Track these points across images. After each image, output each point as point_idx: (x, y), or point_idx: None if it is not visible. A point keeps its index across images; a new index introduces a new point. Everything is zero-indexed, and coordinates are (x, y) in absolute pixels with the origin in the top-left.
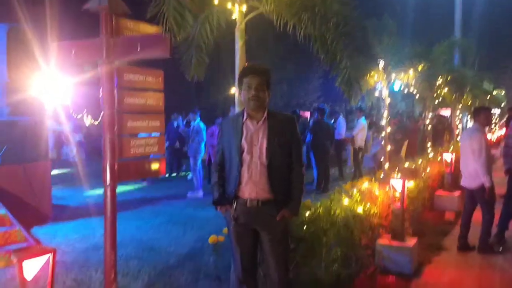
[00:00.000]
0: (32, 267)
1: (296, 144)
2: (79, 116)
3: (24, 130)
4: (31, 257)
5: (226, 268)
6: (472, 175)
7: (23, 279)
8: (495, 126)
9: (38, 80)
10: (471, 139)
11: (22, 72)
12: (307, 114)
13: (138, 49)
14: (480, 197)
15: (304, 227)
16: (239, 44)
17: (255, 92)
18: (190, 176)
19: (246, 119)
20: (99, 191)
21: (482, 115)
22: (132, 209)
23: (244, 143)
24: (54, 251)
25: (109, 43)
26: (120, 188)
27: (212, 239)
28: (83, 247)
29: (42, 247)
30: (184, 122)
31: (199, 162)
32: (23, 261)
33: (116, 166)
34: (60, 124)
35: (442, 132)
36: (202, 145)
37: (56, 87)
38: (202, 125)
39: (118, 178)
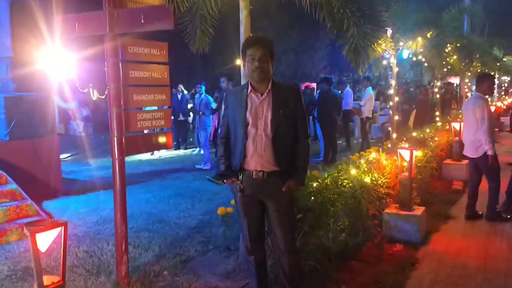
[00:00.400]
0: (45, 239)
1: (301, 114)
2: (85, 91)
3: (31, 105)
4: (44, 230)
5: (234, 239)
6: (475, 144)
7: (36, 251)
8: (505, 94)
9: (43, 55)
10: (474, 107)
11: (27, 46)
12: (314, 85)
13: (142, 21)
14: (483, 166)
15: (312, 198)
16: (243, 15)
17: (258, 63)
18: (197, 151)
19: (250, 91)
20: (108, 165)
21: (485, 84)
22: (140, 183)
23: (248, 116)
24: (65, 224)
25: (112, 15)
26: (128, 162)
27: (220, 210)
28: (93, 220)
29: (54, 220)
30: (189, 94)
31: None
32: (36, 234)
33: (123, 140)
34: (66, 102)
35: (450, 101)
36: (211, 118)
37: (62, 61)
38: (210, 98)
39: (126, 152)
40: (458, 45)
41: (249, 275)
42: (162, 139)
